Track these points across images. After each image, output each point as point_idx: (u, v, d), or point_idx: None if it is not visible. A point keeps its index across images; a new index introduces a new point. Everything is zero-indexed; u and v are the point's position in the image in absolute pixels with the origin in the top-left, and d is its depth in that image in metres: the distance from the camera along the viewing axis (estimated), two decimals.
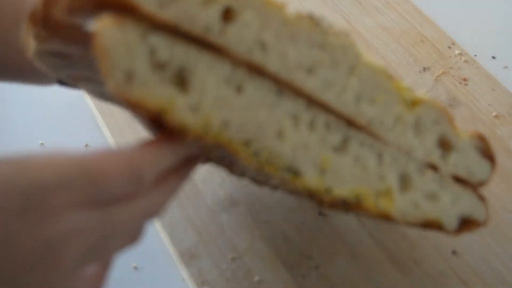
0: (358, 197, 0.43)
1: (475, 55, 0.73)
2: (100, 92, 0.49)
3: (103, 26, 0.32)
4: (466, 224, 0.49)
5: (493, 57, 0.74)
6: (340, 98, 0.41)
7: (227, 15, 0.36)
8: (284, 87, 0.39)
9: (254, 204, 0.60)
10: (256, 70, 0.38)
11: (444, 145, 0.47)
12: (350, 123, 0.42)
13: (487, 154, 0.48)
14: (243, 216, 0.60)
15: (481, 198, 0.49)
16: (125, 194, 0.35)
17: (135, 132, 0.67)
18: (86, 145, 0.68)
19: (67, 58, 0.43)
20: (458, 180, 0.48)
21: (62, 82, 0.54)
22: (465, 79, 0.71)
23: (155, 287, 0.57)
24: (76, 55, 0.42)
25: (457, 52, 0.74)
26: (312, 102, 0.40)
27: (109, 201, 0.35)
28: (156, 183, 0.37)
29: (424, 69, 0.72)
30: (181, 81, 0.36)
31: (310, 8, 0.80)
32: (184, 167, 0.39)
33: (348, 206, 0.43)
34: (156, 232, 0.61)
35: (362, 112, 0.42)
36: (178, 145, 0.37)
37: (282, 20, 0.38)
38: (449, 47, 0.74)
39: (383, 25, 0.78)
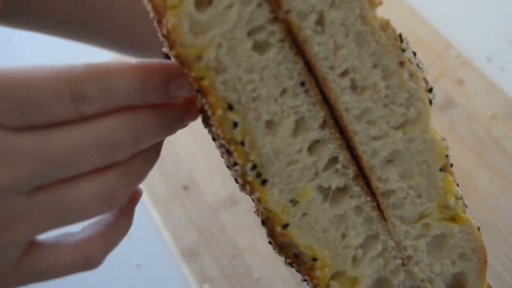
0: (314, 258, 0.34)
1: (471, 57, 0.74)
2: None
3: None
4: None
5: (489, 59, 0.75)
6: (369, 145, 0.33)
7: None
8: (329, 117, 0.32)
9: None
10: (317, 86, 0.31)
11: None
12: (363, 179, 0.34)
13: None
14: (243, 215, 0.61)
15: None
16: (67, 117, 0.28)
17: None
18: None
19: None
20: None
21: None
22: (461, 80, 0.71)
23: (157, 284, 0.57)
24: None
25: (453, 53, 0.74)
26: (332, 126, 0.33)
27: (45, 124, 0.28)
28: (109, 111, 0.29)
29: None
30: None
31: None
32: (150, 108, 0.30)
33: (298, 262, 0.34)
34: (158, 230, 0.61)
35: (384, 175, 0.33)
36: (135, 69, 0.29)
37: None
38: (446, 49, 0.75)
39: None
